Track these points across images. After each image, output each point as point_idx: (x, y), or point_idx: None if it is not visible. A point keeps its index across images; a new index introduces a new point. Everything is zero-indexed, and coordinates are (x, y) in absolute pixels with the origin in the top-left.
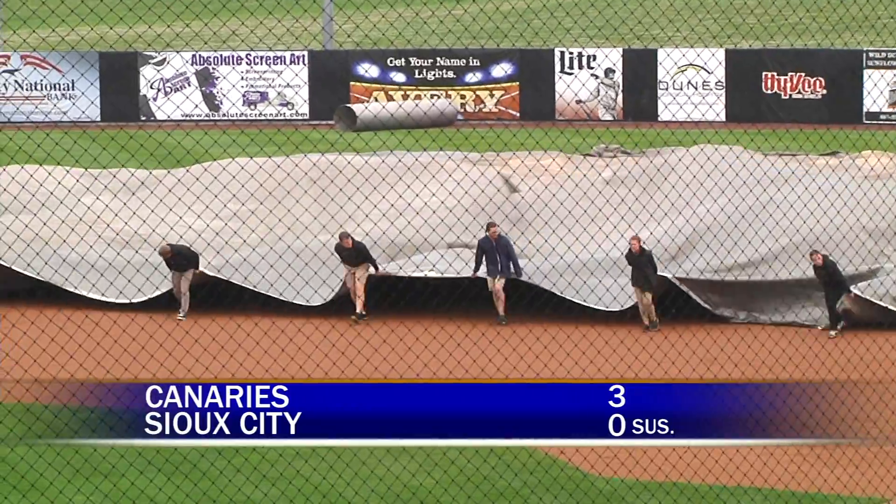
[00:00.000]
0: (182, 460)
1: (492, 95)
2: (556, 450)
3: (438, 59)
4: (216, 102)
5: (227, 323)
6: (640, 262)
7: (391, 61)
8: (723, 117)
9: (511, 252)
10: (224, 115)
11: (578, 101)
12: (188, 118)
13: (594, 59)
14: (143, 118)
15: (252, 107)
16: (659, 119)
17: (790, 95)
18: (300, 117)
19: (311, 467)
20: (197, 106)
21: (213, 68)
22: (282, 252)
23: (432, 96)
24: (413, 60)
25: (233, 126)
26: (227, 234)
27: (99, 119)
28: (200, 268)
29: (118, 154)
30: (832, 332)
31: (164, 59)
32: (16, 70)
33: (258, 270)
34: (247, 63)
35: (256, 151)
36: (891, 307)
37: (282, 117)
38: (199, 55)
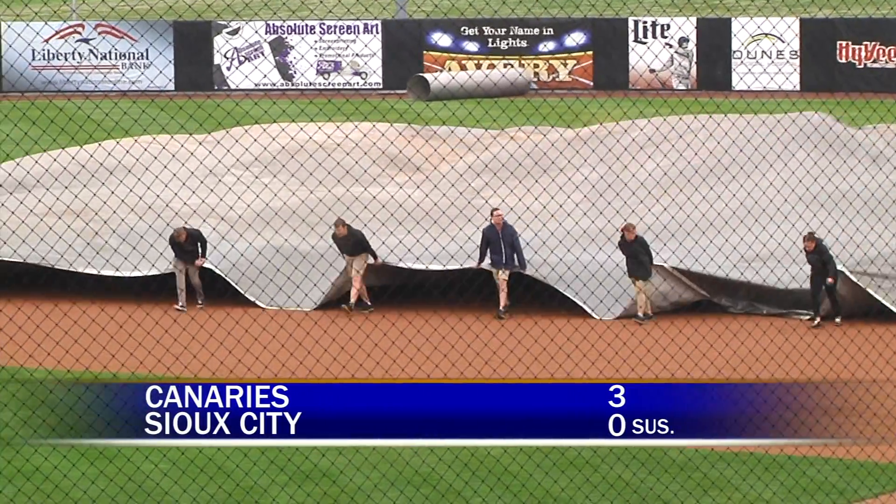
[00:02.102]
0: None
1: (565, 65)
2: None
3: (511, 28)
4: (289, 72)
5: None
6: (634, 251)
7: (464, 31)
8: (797, 87)
9: (516, 242)
10: (297, 84)
11: (652, 71)
12: (261, 88)
13: (668, 29)
14: (216, 87)
15: (325, 76)
16: (733, 89)
17: (865, 65)
18: (373, 87)
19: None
20: (269, 76)
21: (286, 38)
22: (278, 248)
23: (505, 66)
24: (486, 30)
25: (305, 96)
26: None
27: (172, 88)
28: (206, 259)
29: (186, 123)
30: (815, 322)
31: (237, 28)
32: (89, 39)
33: (255, 266)
34: (320, 32)
35: (329, 122)
36: (876, 295)
37: (354, 87)
38: (273, 24)
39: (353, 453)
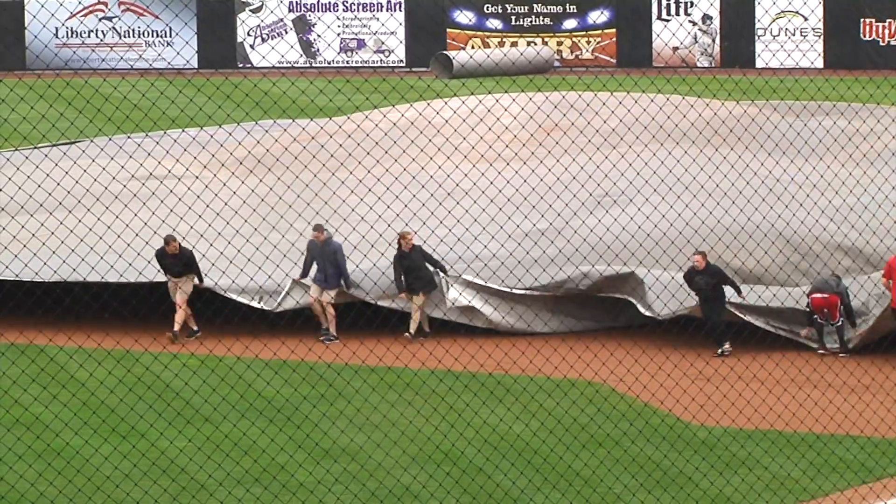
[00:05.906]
0: (284, 403)
1: (588, 42)
2: (655, 399)
3: (535, 5)
4: (313, 49)
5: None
6: (414, 263)
7: (488, 8)
8: (820, 64)
9: (340, 260)
10: (321, 61)
11: (675, 48)
12: (287, 65)
13: (691, 6)
14: (241, 64)
15: (349, 53)
16: (756, 66)
17: (888, 42)
18: (397, 64)
19: (406, 420)
20: (292, 53)
21: (311, 15)
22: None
23: (529, 43)
24: (510, 7)
25: (339, 74)
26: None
27: (196, 66)
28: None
29: (224, 103)
30: (719, 351)
31: (262, 5)
32: (114, 17)
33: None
34: (344, 9)
35: (354, 98)
36: (767, 326)
37: (378, 64)
38: (296, 2)
39: (371, 429)
